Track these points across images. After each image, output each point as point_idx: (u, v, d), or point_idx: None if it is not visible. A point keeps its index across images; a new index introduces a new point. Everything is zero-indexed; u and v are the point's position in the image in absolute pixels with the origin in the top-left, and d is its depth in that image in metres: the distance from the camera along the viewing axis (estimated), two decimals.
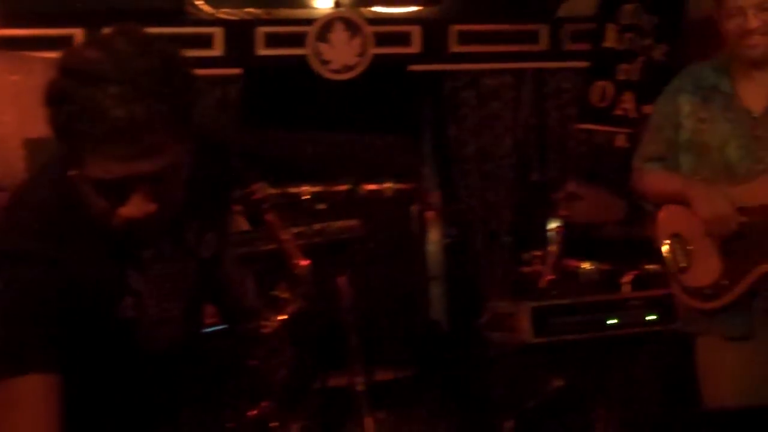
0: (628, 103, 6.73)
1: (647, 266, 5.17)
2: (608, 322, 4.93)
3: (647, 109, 6.63)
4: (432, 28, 6.83)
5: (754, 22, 3.12)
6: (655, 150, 3.32)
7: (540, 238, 5.79)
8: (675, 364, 4.83)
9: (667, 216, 3.27)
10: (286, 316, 2.48)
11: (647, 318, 4.87)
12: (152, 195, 1.86)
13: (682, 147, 3.25)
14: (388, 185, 6.36)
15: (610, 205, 5.60)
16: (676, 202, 3.22)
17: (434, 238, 6.86)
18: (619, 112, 6.72)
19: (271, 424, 2.46)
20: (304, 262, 2.58)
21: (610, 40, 6.65)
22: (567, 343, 4.80)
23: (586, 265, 5.43)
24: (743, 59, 3.19)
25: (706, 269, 3.15)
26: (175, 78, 1.84)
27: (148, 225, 1.90)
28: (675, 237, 3.22)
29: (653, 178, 3.32)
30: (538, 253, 5.49)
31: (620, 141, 6.85)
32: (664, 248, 3.24)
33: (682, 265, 3.20)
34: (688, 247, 3.19)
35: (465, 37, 6.91)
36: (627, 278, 5.17)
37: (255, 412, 2.44)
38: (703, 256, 3.16)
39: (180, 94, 1.84)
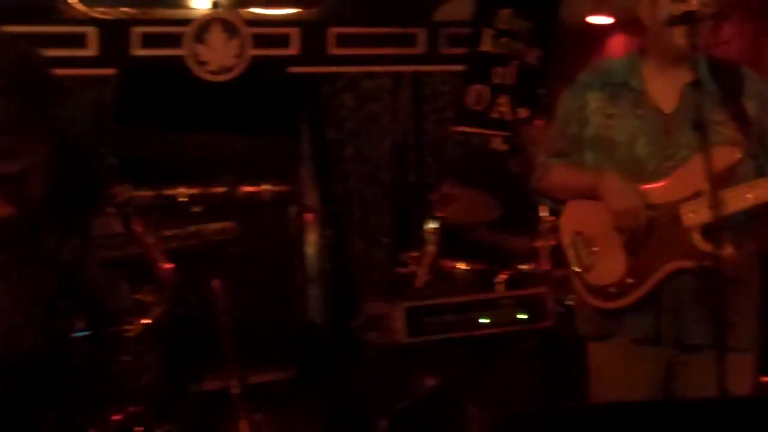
0: (503, 106, 6.86)
1: (520, 266, 5.28)
2: (481, 321, 5.01)
3: (522, 112, 6.80)
4: (311, 30, 6.84)
5: (689, 5, 2.98)
6: (560, 146, 3.25)
7: (417, 239, 5.85)
8: (548, 362, 4.96)
9: (570, 213, 3.20)
10: (150, 320, 2.46)
11: (518, 317, 4.97)
12: (8, 197, 1.82)
13: (587, 143, 3.18)
14: (265, 187, 6.36)
15: (486, 206, 5.69)
16: (582, 197, 3.14)
17: (312, 239, 6.86)
18: (494, 116, 6.85)
19: (136, 429, 2.43)
20: (168, 266, 2.55)
21: (486, 45, 6.76)
22: (440, 343, 4.87)
23: (461, 266, 5.50)
24: (665, 52, 3.08)
25: (611, 268, 3.06)
26: (32, 78, 1.80)
27: (3, 228, 1.87)
28: (578, 234, 3.14)
29: (560, 173, 3.23)
30: (415, 254, 5.54)
31: (496, 144, 6.98)
32: (568, 245, 3.16)
33: (586, 263, 3.12)
34: (592, 245, 3.12)
35: (343, 40, 6.93)
36: (501, 278, 5.25)
37: (120, 416, 2.41)
38: (607, 254, 3.08)
39: (37, 94, 1.80)
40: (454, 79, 7.08)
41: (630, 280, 3.02)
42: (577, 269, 3.14)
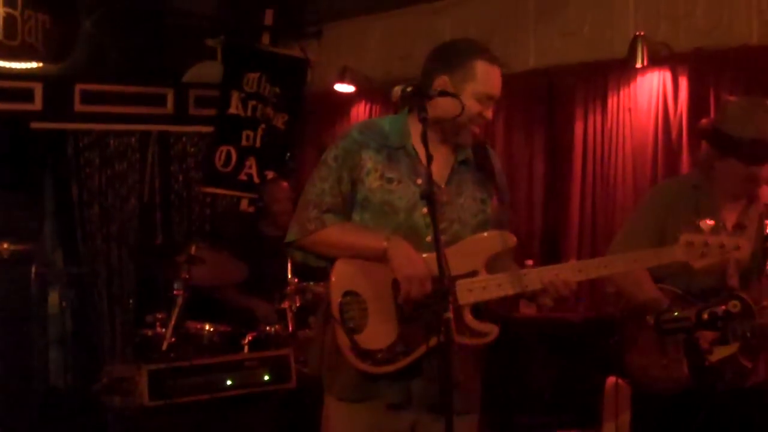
0: (251, 168, 6.98)
1: (266, 328, 5.36)
2: (227, 383, 5.05)
3: (269, 174, 6.94)
4: (55, 85, 6.72)
5: (491, 115, 3.10)
6: (332, 202, 3.10)
7: (163, 300, 5.81)
8: (287, 421, 5.04)
9: (342, 271, 3.07)
10: None
11: (264, 378, 5.05)
12: None
13: (361, 203, 3.10)
14: (5, 245, 6.14)
15: (233, 268, 5.73)
16: (361, 257, 3.04)
17: (55, 300, 6.67)
18: (243, 177, 6.95)
19: None
20: None
21: (235, 108, 6.87)
22: (185, 405, 4.86)
23: (207, 327, 5.51)
24: (450, 136, 3.09)
25: (382, 332, 3.01)
26: None
27: None
28: (351, 294, 3.03)
29: (341, 230, 3.09)
30: (161, 315, 5.50)
31: (244, 205, 7.08)
32: (338, 304, 3.03)
33: (357, 324, 3.02)
34: (365, 307, 3.03)
35: (90, 97, 6.86)
36: (247, 339, 5.31)
37: None
38: (380, 318, 3.02)
39: None
40: (202, 140, 7.14)
41: (399, 348, 3.01)
42: (345, 328, 3.02)
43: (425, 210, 3.03)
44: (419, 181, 3.07)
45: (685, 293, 3.65)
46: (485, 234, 3.11)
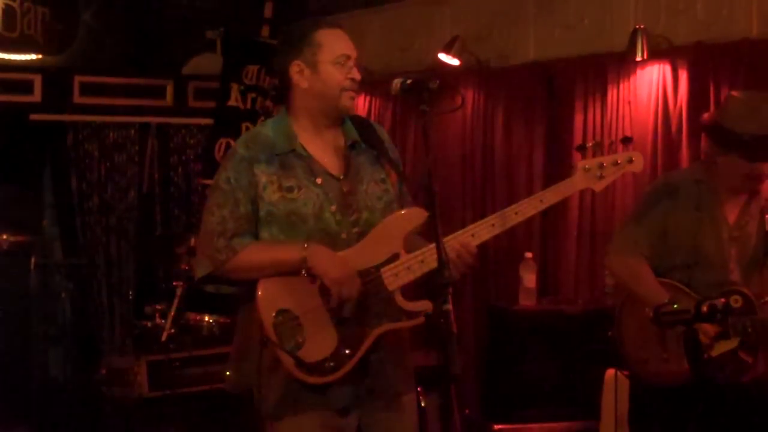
0: None
1: None
2: (226, 373, 5.04)
3: None
4: (54, 77, 6.72)
5: (357, 74, 3.04)
6: (236, 227, 3.00)
7: (162, 292, 5.83)
8: None
9: (268, 291, 2.98)
10: None
11: None
12: None
13: (263, 220, 3.02)
14: (4, 237, 6.14)
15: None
16: (282, 273, 2.97)
17: (54, 292, 6.68)
18: None
19: None
20: None
21: (234, 100, 6.87)
22: (184, 396, 4.88)
23: (207, 318, 5.53)
24: (325, 114, 3.06)
25: (323, 341, 2.96)
26: None
27: None
28: (282, 313, 2.96)
29: (255, 251, 3.00)
30: (160, 306, 5.51)
31: None
32: (271, 325, 2.94)
33: (295, 341, 2.95)
34: (298, 322, 2.96)
35: (89, 89, 6.87)
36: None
37: None
38: (317, 329, 2.96)
39: None
40: (201, 132, 7.15)
41: (345, 351, 2.97)
42: (286, 347, 2.94)
43: (333, 208, 3.03)
44: (319, 181, 3.05)
45: (686, 287, 3.66)
46: (398, 214, 3.07)
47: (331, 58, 3.04)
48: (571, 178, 3.14)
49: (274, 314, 2.96)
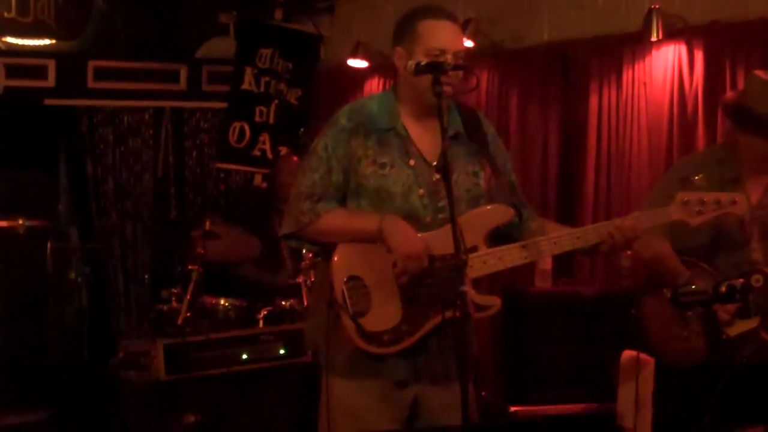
0: (264, 144, 6.98)
1: (281, 302, 5.38)
2: (243, 357, 5.07)
3: (282, 149, 6.94)
4: (68, 62, 6.73)
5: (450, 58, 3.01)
6: (324, 192, 3.11)
7: (178, 275, 5.84)
8: (303, 395, 5.06)
9: (343, 256, 3.08)
10: None
11: (279, 352, 5.08)
12: None
13: (354, 191, 3.11)
14: (21, 221, 6.17)
15: (247, 243, 5.75)
16: (360, 240, 3.06)
17: (71, 276, 6.70)
18: (256, 153, 6.96)
19: None
20: None
21: (248, 83, 6.87)
22: (201, 379, 4.89)
23: (223, 302, 5.54)
24: (425, 103, 3.06)
25: (387, 314, 3.04)
26: None
27: None
28: (353, 279, 3.06)
29: (337, 216, 3.10)
30: (176, 290, 5.52)
31: (257, 181, 7.09)
32: (341, 290, 3.04)
33: (361, 308, 3.04)
34: (367, 291, 3.05)
35: (103, 73, 6.88)
36: (262, 314, 5.33)
37: None
38: (383, 300, 3.04)
39: None
40: (215, 115, 7.15)
41: (405, 328, 3.04)
42: (350, 313, 3.03)
43: (421, 192, 3.09)
44: (412, 163, 3.11)
45: (709, 266, 3.64)
46: (483, 209, 3.12)
47: (427, 52, 3.05)
48: (667, 208, 3.18)
49: (345, 279, 3.07)
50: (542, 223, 3.29)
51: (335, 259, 3.10)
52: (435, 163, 3.12)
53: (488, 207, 3.13)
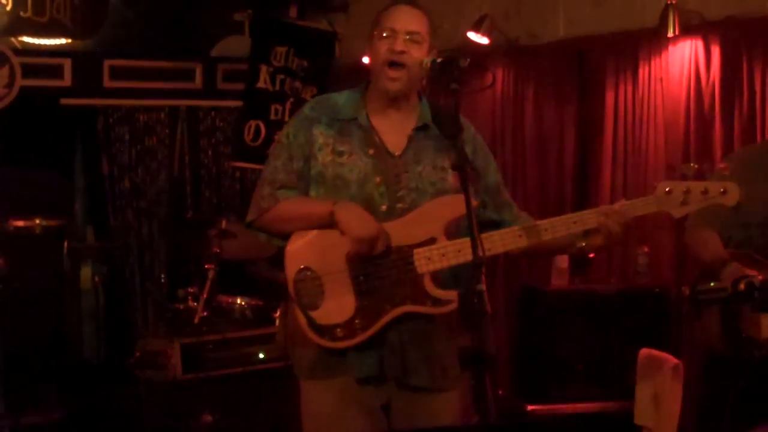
0: None
1: None
2: (259, 356, 5.07)
3: None
4: (84, 61, 6.74)
5: (400, 45, 3.01)
6: (285, 179, 3.08)
7: (194, 275, 5.85)
8: None
9: (297, 247, 3.02)
10: None
11: None
12: None
13: (314, 179, 3.08)
14: (37, 221, 6.18)
15: (263, 242, 5.74)
16: (314, 226, 3.01)
17: (87, 275, 6.72)
18: None
19: None
20: None
21: (263, 81, 6.86)
22: (218, 378, 4.90)
23: (239, 301, 5.55)
24: (382, 92, 3.07)
25: (340, 306, 2.97)
26: None
27: None
28: (306, 270, 2.98)
29: (293, 203, 3.06)
30: (193, 289, 5.53)
31: None
32: (294, 280, 2.97)
33: (313, 300, 2.97)
34: (320, 282, 2.98)
35: (119, 73, 6.87)
36: (278, 313, 5.33)
37: None
38: (336, 292, 2.97)
39: None
40: (231, 114, 7.15)
41: (358, 322, 2.97)
42: (302, 305, 2.98)
43: (378, 180, 3.06)
44: (371, 152, 3.08)
45: (764, 258, 3.60)
46: (441, 199, 3.05)
47: (380, 34, 3.07)
48: (646, 198, 3.03)
49: (297, 270, 3.01)
50: (532, 222, 3.16)
51: (288, 248, 3.04)
52: (398, 154, 3.09)
53: (446, 198, 3.05)
